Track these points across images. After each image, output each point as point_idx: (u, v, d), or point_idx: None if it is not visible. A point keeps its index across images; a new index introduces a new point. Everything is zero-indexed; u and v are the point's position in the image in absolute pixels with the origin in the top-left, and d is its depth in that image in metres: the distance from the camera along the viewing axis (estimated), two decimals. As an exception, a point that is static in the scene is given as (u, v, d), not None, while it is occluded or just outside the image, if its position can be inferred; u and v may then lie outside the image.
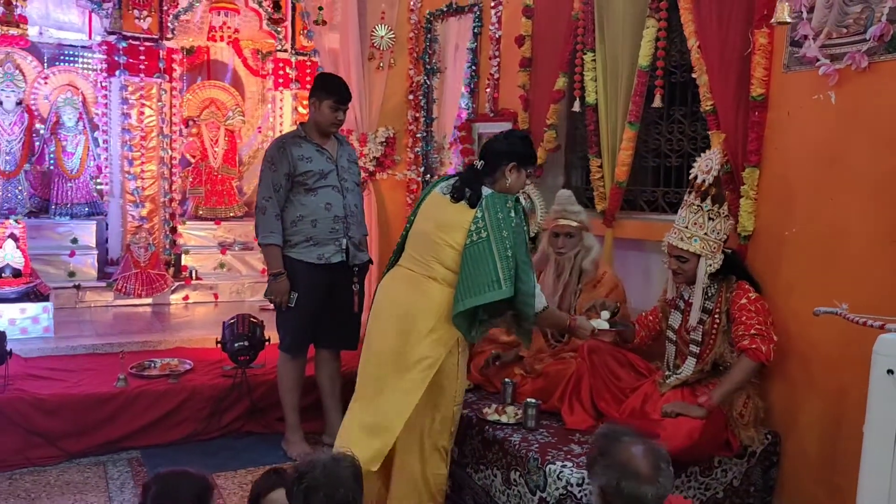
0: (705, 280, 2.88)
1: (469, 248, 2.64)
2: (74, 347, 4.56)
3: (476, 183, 2.75)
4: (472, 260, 2.62)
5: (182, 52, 6.59)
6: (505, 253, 2.60)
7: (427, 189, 2.96)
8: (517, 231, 2.65)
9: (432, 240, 2.75)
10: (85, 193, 6.19)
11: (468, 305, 2.62)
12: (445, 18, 5.16)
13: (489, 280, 2.59)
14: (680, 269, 2.93)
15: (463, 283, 2.64)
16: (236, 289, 6.33)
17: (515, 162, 2.79)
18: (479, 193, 2.70)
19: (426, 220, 2.83)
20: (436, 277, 2.74)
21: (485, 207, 2.66)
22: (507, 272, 2.60)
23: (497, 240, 2.61)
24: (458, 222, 2.70)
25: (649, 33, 3.55)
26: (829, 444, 2.82)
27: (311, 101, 3.72)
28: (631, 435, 1.96)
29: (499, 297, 2.60)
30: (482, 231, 2.63)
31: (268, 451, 3.85)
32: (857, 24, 2.64)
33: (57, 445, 3.66)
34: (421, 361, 2.71)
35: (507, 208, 2.65)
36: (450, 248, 2.70)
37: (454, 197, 2.75)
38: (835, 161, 2.79)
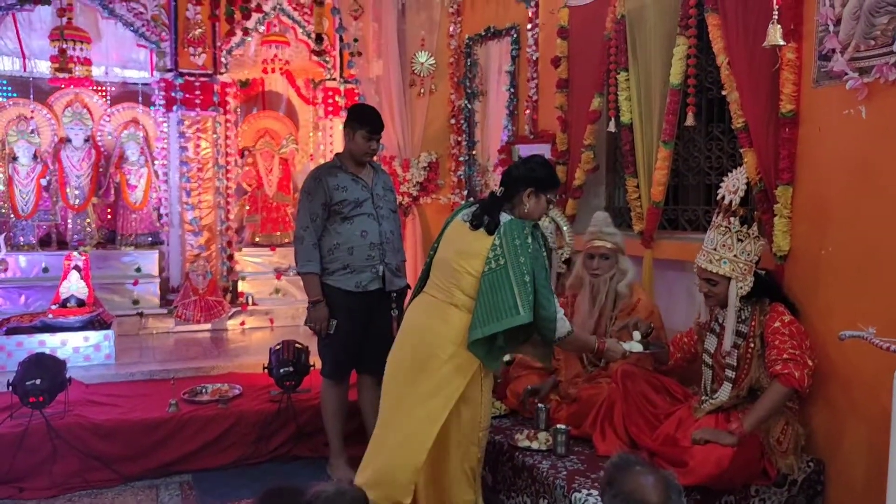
0: (737, 303, 2.81)
1: (487, 275, 2.65)
2: (133, 374, 4.76)
3: (495, 210, 2.76)
4: (490, 287, 2.63)
5: (237, 85, 6.86)
6: (522, 279, 2.60)
7: (451, 216, 2.97)
8: (535, 257, 2.65)
9: (453, 267, 2.77)
10: (148, 224, 6.49)
11: (486, 333, 2.63)
12: (484, 42, 5.22)
13: (507, 307, 2.60)
14: (710, 291, 2.87)
15: (480, 310, 2.65)
16: (291, 314, 6.47)
17: (533, 187, 2.78)
18: (497, 221, 2.71)
19: (448, 247, 2.85)
20: (457, 304, 2.75)
21: (502, 234, 2.67)
22: (525, 298, 2.60)
23: (514, 266, 2.61)
24: (476, 250, 2.71)
25: (679, 51, 3.51)
26: (876, 471, 2.69)
27: (346, 131, 3.81)
28: (641, 465, 1.93)
29: (517, 322, 2.60)
30: (500, 258, 2.64)
31: (313, 476, 3.91)
32: (885, 35, 2.55)
33: (113, 468, 3.82)
34: (442, 388, 2.72)
35: (525, 234, 2.65)
36: (469, 275, 2.72)
37: (473, 224, 2.76)
38: (868, 177, 2.69)
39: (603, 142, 4.38)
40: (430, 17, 5.43)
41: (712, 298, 2.89)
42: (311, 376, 4.28)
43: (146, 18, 6.04)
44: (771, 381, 2.72)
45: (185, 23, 6.07)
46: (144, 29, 6.04)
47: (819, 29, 2.81)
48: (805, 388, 2.68)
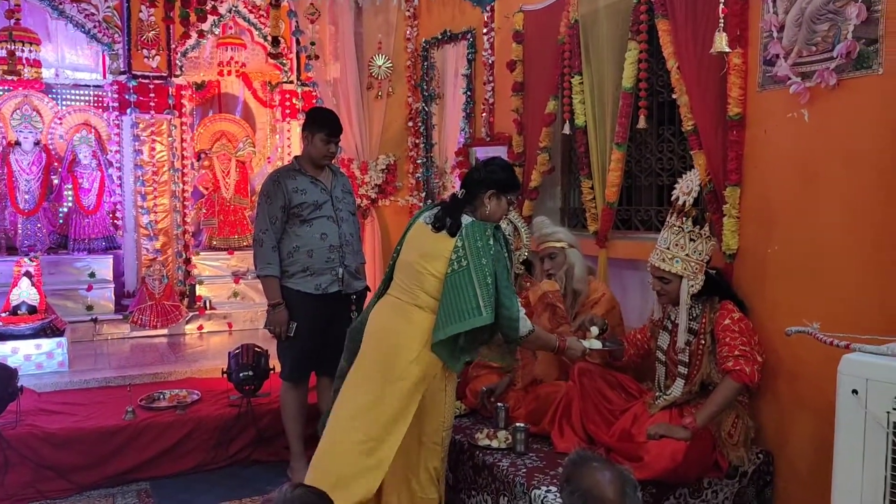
0: (688, 301, 2.90)
1: (450, 276, 2.68)
2: (88, 381, 4.67)
3: (457, 212, 2.79)
4: (453, 288, 2.66)
5: (192, 88, 6.77)
6: (485, 280, 2.63)
7: (413, 218, 3.00)
8: (497, 258, 2.68)
9: (416, 269, 2.80)
10: (102, 228, 6.36)
11: (448, 333, 2.66)
12: (441, 46, 5.26)
13: (469, 308, 2.62)
14: (663, 289, 2.95)
15: (443, 311, 2.68)
16: (250, 317, 6.42)
17: (494, 189, 2.82)
18: (459, 222, 2.74)
19: (411, 249, 2.88)
20: (421, 306, 2.78)
21: (464, 236, 2.69)
22: (487, 299, 2.62)
23: (477, 267, 2.64)
24: (439, 251, 2.74)
25: (631, 56, 3.60)
26: (822, 461, 2.78)
27: (304, 134, 3.81)
28: (599, 461, 1.98)
29: (479, 323, 2.62)
30: (462, 260, 2.67)
31: (273, 480, 3.90)
32: (826, 42, 2.66)
33: (68, 478, 3.76)
34: (408, 389, 2.74)
35: (487, 236, 2.68)
36: (432, 276, 2.74)
37: (435, 227, 2.79)
38: (811, 178, 2.79)
39: (558, 144, 4.45)
40: (386, 20, 5.46)
41: (665, 296, 2.97)
42: (271, 380, 4.26)
43: (98, 20, 5.93)
44: (722, 377, 2.80)
45: (139, 24, 5.97)
46: (96, 30, 5.93)
47: (763, 35, 2.91)
48: (755, 383, 2.77)
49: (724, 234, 3.09)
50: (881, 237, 2.55)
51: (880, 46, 2.51)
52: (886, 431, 1.95)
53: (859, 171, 2.61)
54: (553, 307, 3.33)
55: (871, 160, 2.58)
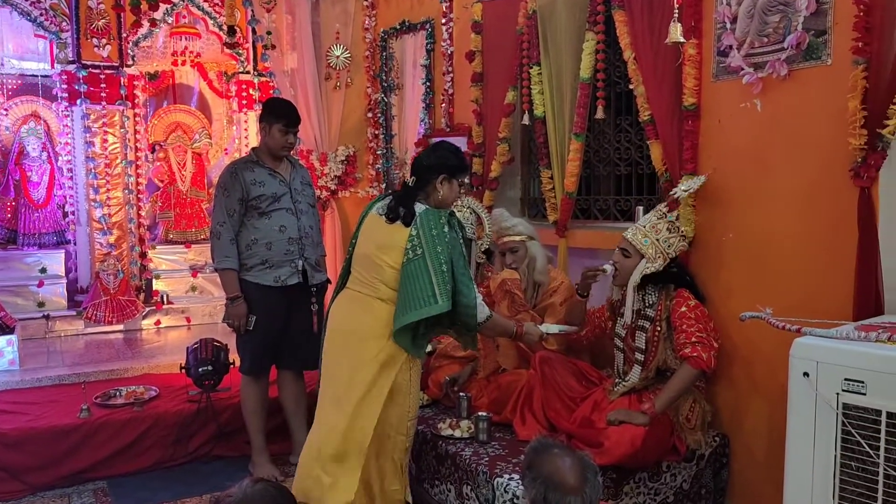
0: (637, 279, 2.93)
1: (405, 265, 2.68)
2: (40, 379, 4.55)
3: (409, 200, 2.77)
4: (409, 277, 2.66)
5: (145, 78, 6.63)
6: (440, 268, 2.64)
7: (365, 210, 2.98)
8: (452, 245, 2.68)
9: (374, 261, 2.79)
10: (52, 223, 6.21)
11: (405, 322, 2.66)
12: (400, 36, 5.23)
13: (425, 296, 2.63)
14: (620, 264, 2.98)
15: (401, 300, 2.68)
16: (208, 311, 6.33)
17: (446, 174, 2.81)
18: (413, 211, 2.73)
19: (367, 242, 2.86)
20: (382, 297, 2.77)
21: (419, 225, 2.69)
22: (442, 287, 2.63)
23: (432, 255, 2.64)
24: (395, 242, 2.73)
25: (589, 46, 3.62)
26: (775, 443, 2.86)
27: (262, 125, 3.76)
28: (559, 448, 2.00)
29: (435, 311, 2.63)
30: (418, 248, 2.67)
31: (235, 475, 3.84)
32: (777, 33, 2.71)
33: (21, 479, 3.66)
34: (375, 381, 2.73)
35: (441, 224, 2.68)
36: (390, 268, 2.74)
37: (389, 217, 2.77)
38: (764, 167, 2.86)
39: (517, 134, 4.47)
40: (344, 9, 5.40)
41: (619, 276, 3.01)
42: (231, 374, 4.21)
43: (44, 7, 5.74)
44: (680, 364, 2.85)
45: (88, 13, 5.80)
46: (43, 18, 5.74)
47: (717, 26, 2.96)
48: (712, 369, 2.83)
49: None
50: (831, 224, 2.63)
51: (829, 37, 2.57)
52: (836, 412, 2.01)
53: (809, 160, 2.68)
54: (512, 295, 3.35)
55: (820, 149, 2.65)
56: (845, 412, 1.99)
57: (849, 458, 2.00)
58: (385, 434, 2.82)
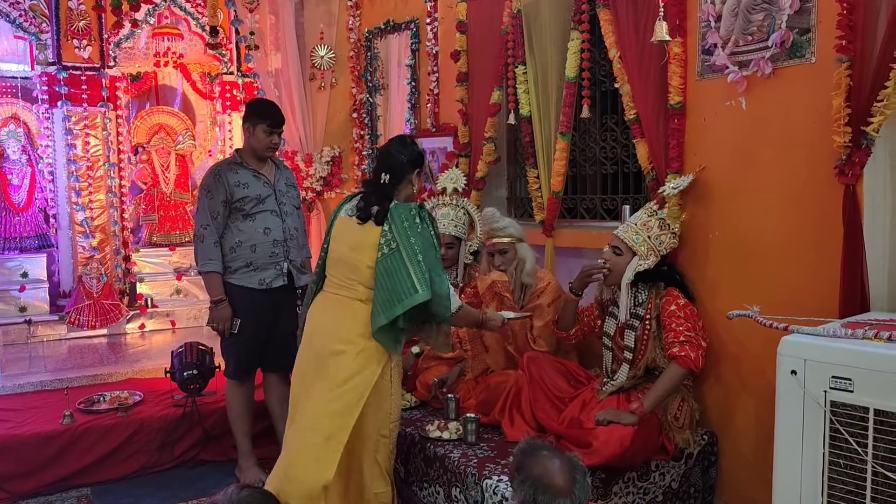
0: (631, 277, 2.93)
1: (381, 261, 2.68)
2: (22, 385, 4.50)
3: (384, 199, 2.77)
4: (386, 272, 2.66)
5: (127, 79, 6.56)
6: (416, 258, 2.64)
7: (334, 213, 2.98)
8: (424, 235, 2.69)
9: (350, 263, 2.80)
10: (34, 226, 6.13)
11: (390, 317, 2.65)
12: (384, 36, 5.21)
13: (406, 287, 2.62)
14: (611, 261, 2.97)
15: (380, 295, 2.67)
16: (193, 314, 6.28)
17: (419, 168, 2.88)
18: (388, 210, 2.73)
19: (340, 244, 2.86)
20: (361, 299, 2.78)
21: (391, 220, 2.70)
22: (421, 276, 2.63)
23: (406, 247, 2.65)
24: (369, 242, 2.73)
25: (574, 45, 3.62)
26: (763, 441, 2.87)
27: (246, 126, 3.72)
28: (548, 449, 1.99)
29: (417, 301, 2.62)
30: (392, 242, 2.67)
31: (221, 480, 3.82)
32: (761, 31, 2.72)
33: (3, 487, 3.61)
34: (356, 383, 2.73)
35: (412, 216, 2.69)
36: (367, 267, 2.74)
37: (360, 218, 2.78)
38: (749, 165, 2.86)
39: (503, 134, 4.46)
40: (328, 10, 5.37)
41: (610, 275, 2.99)
42: (217, 378, 4.17)
43: (23, 8, 5.67)
44: (668, 363, 2.85)
45: (68, 13, 5.74)
46: (21, 19, 5.68)
47: (702, 25, 2.96)
48: (699, 368, 2.83)
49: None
50: (816, 221, 2.63)
51: (813, 36, 2.58)
52: (824, 410, 2.01)
53: (794, 158, 2.69)
54: (501, 297, 3.34)
55: (805, 146, 2.65)
56: (833, 409, 1.99)
57: (837, 456, 2.00)
58: (367, 436, 2.82)
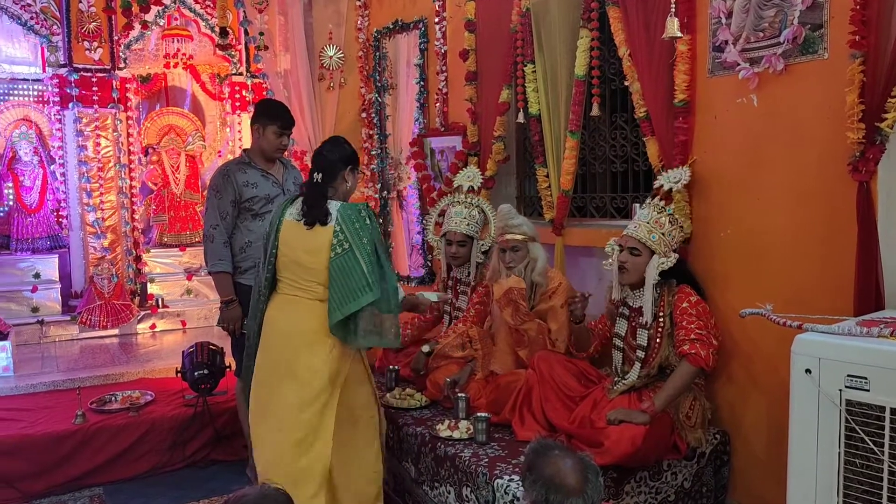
0: (655, 276, 2.90)
1: (334, 260, 2.79)
2: (35, 385, 4.53)
3: (322, 199, 2.88)
4: (341, 270, 2.78)
5: (137, 81, 6.59)
6: (369, 257, 2.78)
7: (276, 217, 3.01)
8: (374, 234, 2.84)
9: (307, 266, 2.88)
10: (46, 227, 6.17)
11: (345, 313, 2.76)
12: (393, 35, 5.20)
13: (360, 286, 2.75)
14: (630, 263, 2.93)
15: (336, 293, 2.78)
16: (204, 314, 6.31)
17: (351, 164, 2.99)
18: (327, 210, 2.85)
19: (291, 248, 2.92)
20: (321, 298, 2.87)
21: (341, 221, 2.82)
22: (373, 276, 2.77)
23: (359, 247, 2.78)
24: (321, 244, 2.83)
25: (583, 43, 3.60)
26: (776, 440, 2.85)
27: (255, 127, 3.73)
28: (560, 449, 1.98)
29: (370, 300, 2.76)
30: (344, 242, 2.79)
31: (233, 479, 3.84)
32: (773, 27, 2.70)
33: (15, 487, 3.64)
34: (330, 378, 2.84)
35: (362, 216, 2.83)
36: (325, 268, 2.84)
37: (307, 223, 2.87)
38: (760, 162, 2.84)
39: (512, 133, 4.44)
40: (337, 10, 5.36)
41: (627, 274, 2.96)
42: (227, 378, 4.19)
43: (35, 11, 5.72)
44: (679, 361, 2.83)
45: (79, 16, 5.78)
46: (33, 22, 5.72)
47: (712, 21, 2.94)
48: (710, 366, 2.81)
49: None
50: (829, 218, 2.61)
51: (825, 31, 2.55)
52: (839, 409, 1.99)
53: (807, 154, 2.66)
54: (516, 304, 3.31)
55: (818, 143, 2.63)
56: (848, 409, 1.97)
57: (852, 455, 1.98)
58: (356, 417, 2.95)
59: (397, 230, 5.42)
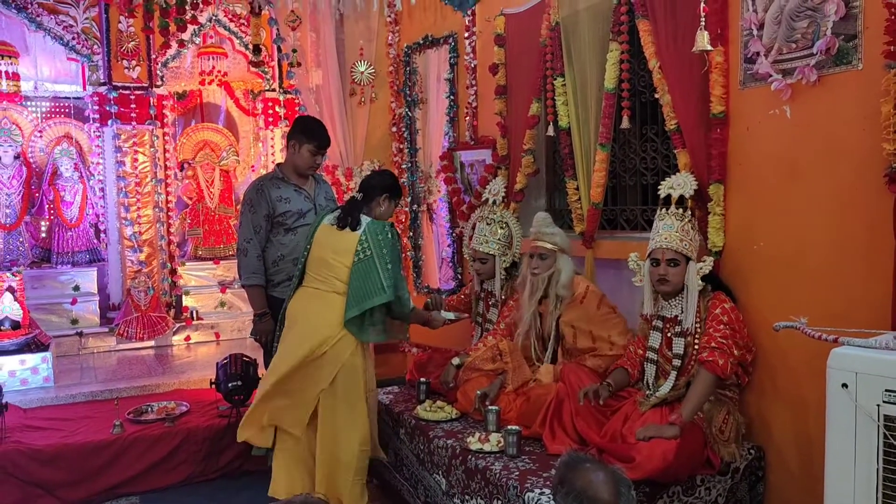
0: (698, 282, 2.89)
1: (357, 265, 3.27)
2: (74, 396, 4.62)
3: (356, 211, 3.37)
4: (360, 273, 3.26)
5: (174, 98, 6.74)
6: (386, 266, 3.25)
7: (317, 223, 3.49)
8: (394, 248, 3.31)
9: (330, 263, 3.33)
10: (85, 241, 6.32)
11: (361, 309, 3.25)
12: (423, 51, 5.26)
13: (375, 288, 3.24)
14: (669, 274, 2.91)
15: (354, 292, 3.26)
16: (237, 326, 6.39)
17: (387, 193, 3.45)
18: (358, 219, 3.33)
19: (321, 248, 3.39)
20: (338, 292, 3.31)
21: (367, 232, 3.29)
22: (389, 280, 3.25)
23: (379, 256, 3.25)
24: (346, 247, 3.30)
25: (613, 56, 3.60)
26: (815, 457, 2.81)
27: (291, 143, 3.79)
28: (591, 462, 1.98)
29: (384, 300, 3.25)
30: (367, 250, 3.26)
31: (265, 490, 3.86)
32: (805, 38, 2.68)
33: (55, 495, 3.72)
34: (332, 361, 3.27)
35: (385, 231, 3.31)
36: (345, 267, 3.30)
37: (340, 226, 3.35)
38: (794, 174, 2.81)
39: (542, 146, 4.46)
40: (368, 26, 5.45)
41: (669, 283, 2.94)
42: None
43: (76, 31, 5.88)
44: (697, 368, 2.81)
45: (118, 35, 5.94)
46: (75, 42, 5.89)
47: (744, 33, 2.93)
48: (727, 375, 2.79)
49: (710, 231, 3.10)
50: (864, 231, 2.57)
51: (859, 42, 2.53)
52: (877, 424, 1.95)
53: (842, 166, 2.63)
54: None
55: (853, 155, 2.60)
56: (887, 424, 1.93)
57: (891, 472, 1.94)
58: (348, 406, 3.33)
59: (427, 243, 5.45)
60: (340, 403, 3.33)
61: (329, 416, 3.33)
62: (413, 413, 3.63)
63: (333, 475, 3.35)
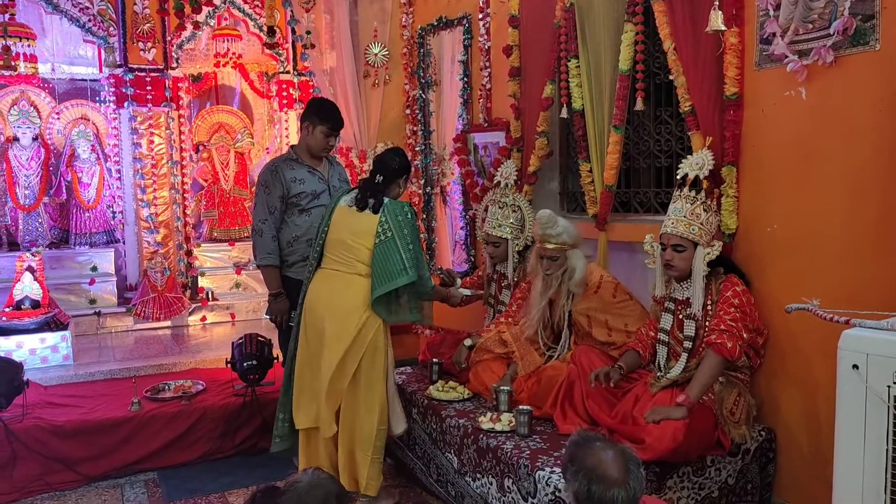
0: (705, 268, 2.89)
1: (378, 246, 3.26)
2: (93, 374, 4.70)
3: (378, 193, 3.36)
4: (382, 255, 3.25)
5: (189, 80, 6.77)
6: (407, 247, 3.25)
7: (333, 204, 3.49)
8: (413, 228, 3.31)
9: (350, 244, 3.33)
10: (102, 222, 6.39)
11: (385, 290, 3.25)
12: (437, 32, 5.24)
13: (398, 269, 3.23)
14: (675, 259, 2.92)
15: (377, 274, 3.26)
16: (252, 307, 6.46)
17: (406, 175, 3.50)
18: (382, 202, 3.32)
19: (340, 229, 3.39)
20: (360, 273, 3.32)
21: (387, 213, 3.28)
22: (410, 261, 3.24)
23: (400, 237, 3.25)
24: (366, 228, 3.30)
25: (627, 38, 3.58)
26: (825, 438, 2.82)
27: (305, 124, 3.81)
28: (601, 440, 2.00)
29: (406, 280, 3.24)
30: (388, 231, 3.26)
31: (280, 468, 3.92)
32: (822, 19, 2.65)
33: (75, 470, 3.80)
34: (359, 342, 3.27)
35: (405, 212, 3.31)
36: (366, 249, 3.30)
37: (359, 207, 3.35)
38: (809, 156, 2.80)
39: (556, 128, 4.44)
40: (382, 7, 5.44)
41: (674, 268, 2.95)
42: (275, 369, 4.28)
43: (92, 13, 5.91)
44: (705, 350, 2.82)
45: (134, 17, 5.97)
46: (91, 24, 5.92)
47: (760, 14, 2.91)
48: (736, 358, 2.79)
49: (723, 213, 3.09)
50: (880, 213, 2.56)
51: (877, 22, 2.51)
52: (887, 405, 1.96)
53: (858, 148, 2.62)
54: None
55: (869, 137, 2.58)
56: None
57: (900, 453, 1.95)
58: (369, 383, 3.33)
59: (441, 225, 5.47)
60: (361, 383, 3.32)
61: (350, 397, 3.34)
62: (426, 393, 3.67)
63: (352, 454, 3.36)
